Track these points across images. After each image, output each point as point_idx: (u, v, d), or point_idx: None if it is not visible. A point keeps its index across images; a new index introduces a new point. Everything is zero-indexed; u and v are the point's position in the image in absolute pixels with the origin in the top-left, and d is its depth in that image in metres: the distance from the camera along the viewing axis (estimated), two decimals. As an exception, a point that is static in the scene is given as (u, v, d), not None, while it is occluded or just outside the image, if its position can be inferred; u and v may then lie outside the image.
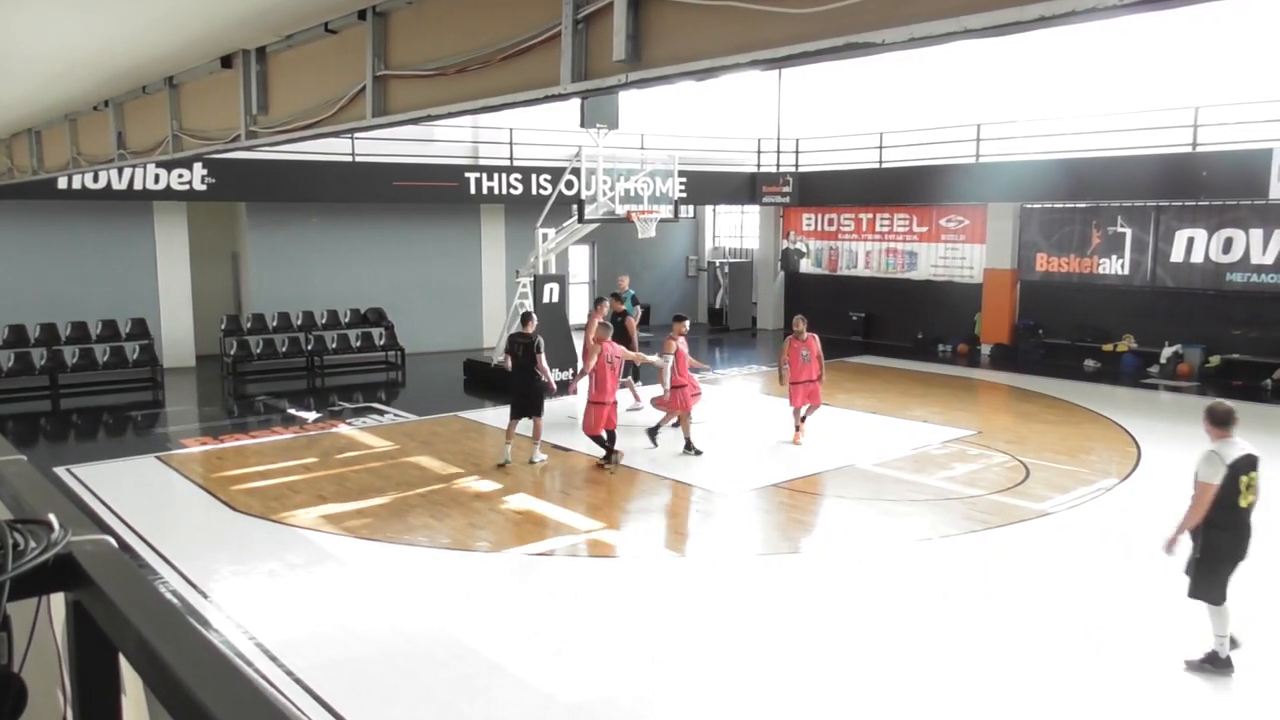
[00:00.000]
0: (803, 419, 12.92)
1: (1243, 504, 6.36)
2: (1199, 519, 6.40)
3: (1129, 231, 18.60)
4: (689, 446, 12.24)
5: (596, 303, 15.12)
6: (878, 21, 2.36)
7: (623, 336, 13.32)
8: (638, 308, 17.17)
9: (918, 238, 22.31)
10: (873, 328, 23.00)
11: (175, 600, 7.59)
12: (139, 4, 4.00)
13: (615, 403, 11.74)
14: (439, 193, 19.62)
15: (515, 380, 11.99)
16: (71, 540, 1.42)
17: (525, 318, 12.41)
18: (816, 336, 12.90)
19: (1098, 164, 17.86)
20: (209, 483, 11.10)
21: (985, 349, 20.75)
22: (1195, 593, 6.57)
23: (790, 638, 7.17)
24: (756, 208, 24.92)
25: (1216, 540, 6.41)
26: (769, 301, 25.44)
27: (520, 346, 11.89)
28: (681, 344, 12.36)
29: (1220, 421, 6.46)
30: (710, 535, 9.77)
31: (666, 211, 17.46)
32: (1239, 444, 6.43)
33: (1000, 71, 19.59)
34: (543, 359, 11.83)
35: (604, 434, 11.55)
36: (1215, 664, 6.52)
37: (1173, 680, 6.50)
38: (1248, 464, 6.36)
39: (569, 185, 18.29)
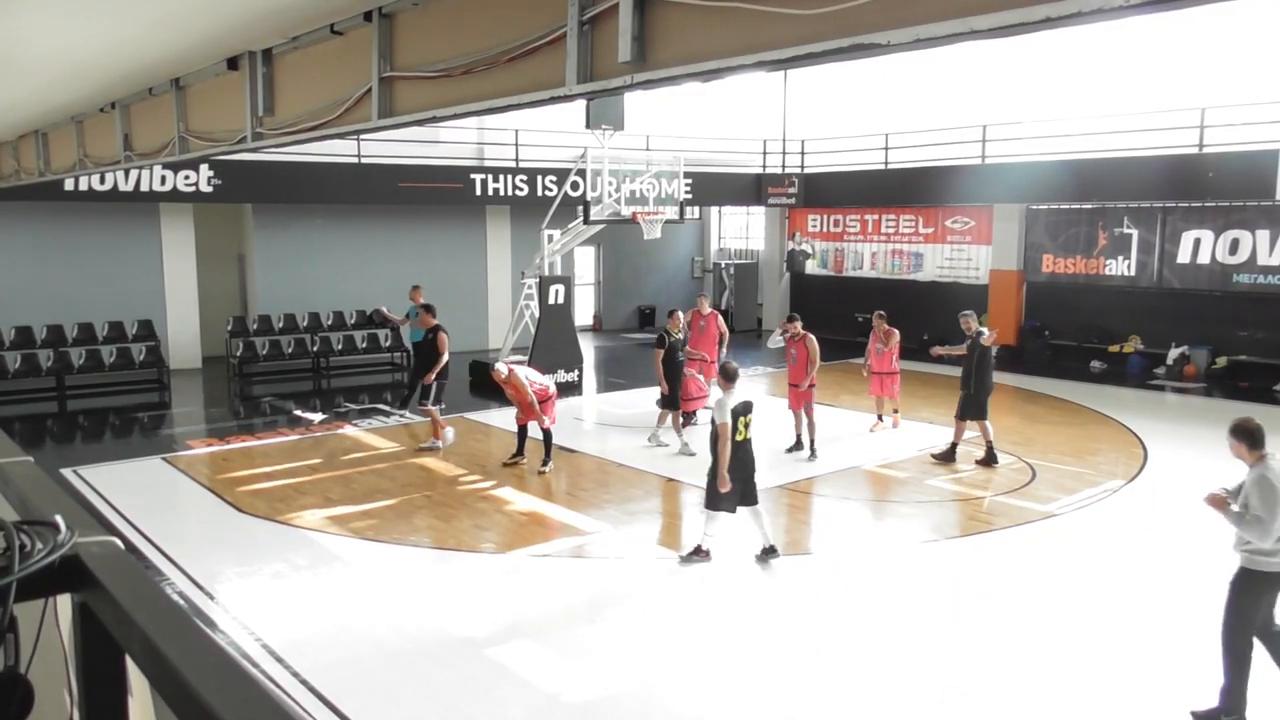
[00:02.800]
0: (894, 410, 13.90)
1: (739, 438, 8.35)
2: (729, 451, 8.27)
3: (1135, 233, 18.55)
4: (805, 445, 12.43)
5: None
6: (884, 22, 2.36)
7: (434, 354, 12.51)
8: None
9: (923, 239, 22.28)
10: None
11: (181, 601, 7.60)
12: (144, 6, 4.01)
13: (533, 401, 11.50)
14: (444, 194, 19.65)
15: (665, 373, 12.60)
16: (78, 542, 1.42)
17: (671, 314, 12.90)
18: (896, 332, 13.69)
19: (1104, 165, 17.83)
20: (215, 484, 11.12)
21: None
22: (708, 505, 8.60)
23: (794, 638, 7.16)
24: (762, 209, 24.91)
25: (735, 463, 8.37)
26: (774, 303, 25.42)
27: (677, 342, 12.48)
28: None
29: (731, 378, 8.67)
30: (715, 536, 9.75)
31: (672, 213, 17.46)
32: (739, 393, 8.51)
33: (1006, 72, 19.56)
34: (679, 355, 12.43)
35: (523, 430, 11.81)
36: (698, 554, 8.62)
37: (1178, 681, 6.48)
38: (746, 408, 8.46)
39: (574, 186, 18.29)
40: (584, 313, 24.48)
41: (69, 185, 15.49)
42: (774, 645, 7.05)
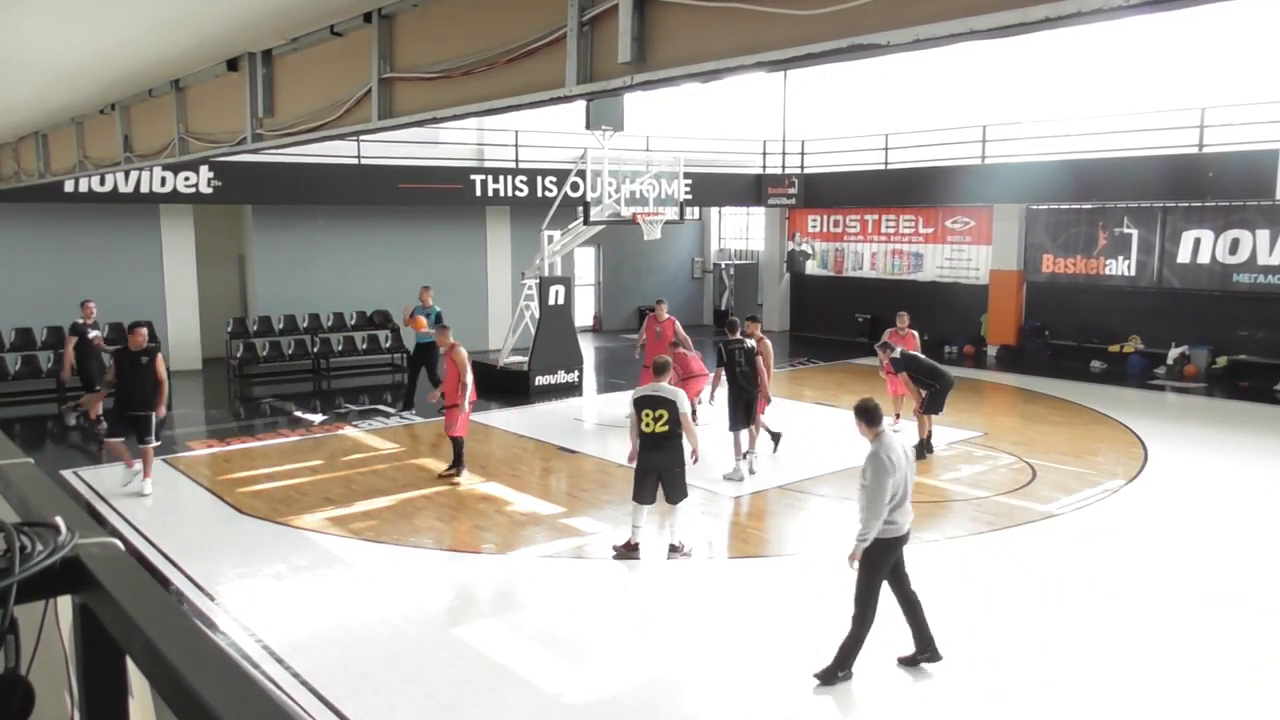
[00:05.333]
0: (895, 414, 13.43)
1: (644, 429, 8.53)
2: (634, 438, 8.66)
3: (1135, 232, 18.56)
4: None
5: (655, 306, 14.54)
6: (883, 23, 2.36)
7: (154, 379, 10.73)
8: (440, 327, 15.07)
9: (923, 239, 22.29)
10: (879, 329, 22.82)
11: (182, 603, 7.60)
12: (144, 7, 4.01)
13: (457, 406, 11.06)
14: (444, 195, 19.64)
15: (737, 389, 11.30)
16: (78, 543, 1.42)
17: (751, 319, 12.04)
18: (914, 333, 13.27)
19: (1104, 165, 17.83)
20: (215, 485, 11.12)
21: (991, 350, 20.72)
22: (635, 497, 8.76)
23: (795, 639, 7.15)
24: (762, 209, 24.91)
25: (639, 455, 8.70)
26: (775, 303, 25.44)
27: (741, 354, 11.26)
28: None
29: (659, 370, 8.88)
30: (716, 537, 9.76)
31: (672, 213, 17.46)
32: (655, 388, 8.62)
33: (1006, 72, 19.56)
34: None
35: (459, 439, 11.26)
36: (629, 549, 8.74)
37: (1178, 681, 6.48)
38: (647, 402, 8.54)
39: (574, 187, 18.30)
40: (584, 313, 24.48)
41: (69, 187, 15.49)
42: (774, 645, 7.04)
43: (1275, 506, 10.41)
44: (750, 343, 11.47)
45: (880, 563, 6.36)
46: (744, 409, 11.32)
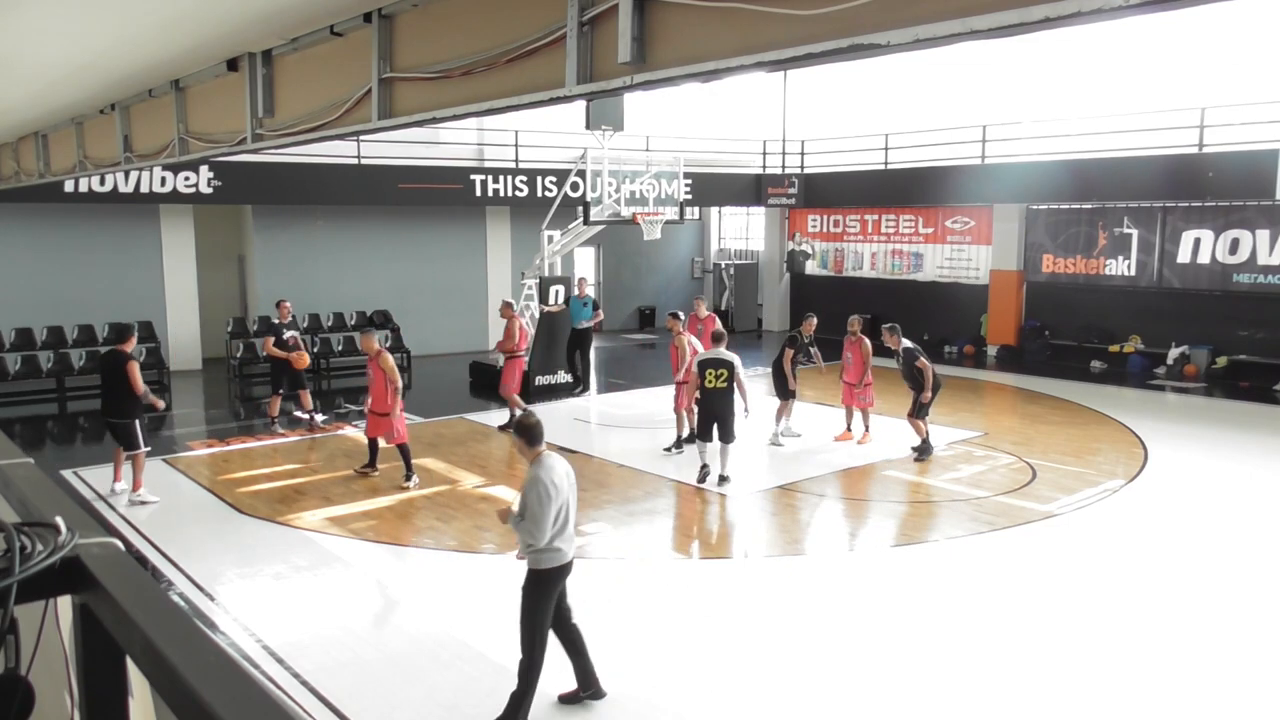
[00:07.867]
0: (865, 428, 13.03)
1: (708, 385, 10.70)
2: (693, 390, 11.10)
3: (1135, 232, 18.56)
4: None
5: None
6: (883, 23, 2.36)
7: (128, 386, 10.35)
8: (598, 312, 17.24)
9: (923, 239, 22.28)
10: (879, 329, 22.95)
11: (182, 603, 7.60)
12: (144, 7, 4.01)
13: (383, 413, 11.01)
14: (444, 195, 19.65)
15: (773, 372, 13.23)
16: (78, 543, 1.42)
17: (806, 319, 13.65)
18: (865, 339, 13.02)
19: (1104, 165, 17.83)
20: (215, 485, 11.12)
21: (991, 350, 20.71)
22: (700, 437, 11.08)
23: (796, 639, 7.16)
24: (762, 209, 24.92)
25: (700, 405, 10.98)
26: (775, 303, 25.44)
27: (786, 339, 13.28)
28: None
29: (716, 339, 11.10)
30: (715, 537, 9.77)
31: (672, 213, 17.47)
32: (717, 351, 10.84)
33: (1006, 72, 19.57)
34: (790, 353, 12.88)
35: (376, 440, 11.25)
36: (702, 469, 11.06)
37: (1178, 681, 6.48)
38: (710, 363, 10.75)
39: (574, 187, 18.30)
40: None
41: (69, 187, 15.50)
42: (774, 645, 7.05)
43: (1275, 506, 10.41)
44: (802, 335, 13.23)
45: (546, 594, 5.93)
46: (780, 385, 12.95)
